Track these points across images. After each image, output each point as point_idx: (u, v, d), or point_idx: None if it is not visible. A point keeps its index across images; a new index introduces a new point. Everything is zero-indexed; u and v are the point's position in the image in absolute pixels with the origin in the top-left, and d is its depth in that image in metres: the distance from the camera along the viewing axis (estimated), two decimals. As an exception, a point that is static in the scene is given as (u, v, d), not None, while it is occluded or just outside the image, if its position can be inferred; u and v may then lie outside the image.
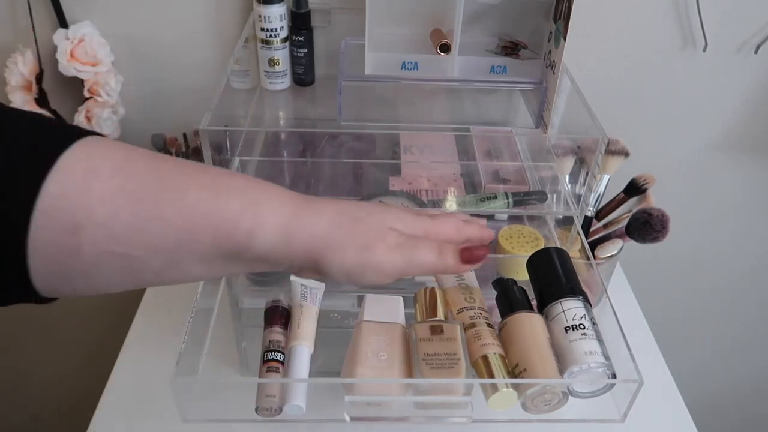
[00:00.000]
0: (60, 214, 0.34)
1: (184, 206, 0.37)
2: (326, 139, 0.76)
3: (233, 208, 0.38)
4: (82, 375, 1.21)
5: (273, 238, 0.40)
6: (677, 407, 0.72)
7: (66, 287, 0.37)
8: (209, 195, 0.38)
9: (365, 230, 0.43)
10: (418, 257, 0.44)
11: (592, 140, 0.63)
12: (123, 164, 0.36)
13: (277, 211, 0.40)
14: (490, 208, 0.70)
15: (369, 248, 0.42)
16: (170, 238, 0.37)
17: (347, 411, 0.49)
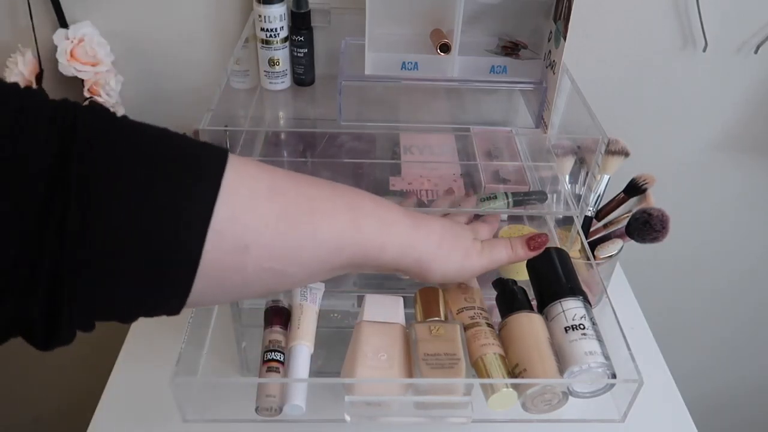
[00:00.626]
0: (230, 236, 0.36)
1: (334, 228, 0.42)
2: (326, 139, 0.76)
3: (371, 228, 0.45)
4: (82, 375, 1.21)
5: (396, 252, 0.46)
6: (677, 407, 0.72)
7: (212, 299, 0.40)
8: (354, 218, 0.44)
9: (464, 242, 0.52)
10: (497, 255, 0.53)
11: (592, 140, 0.63)
12: (274, 185, 0.40)
13: (401, 229, 0.47)
14: (490, 208, 0.69)
15: (467, 257, 0.51)
16: (321, 256, 0.42)
17: (347, 411, 0.49)
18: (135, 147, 0.34)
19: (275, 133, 0.81)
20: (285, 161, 0.77)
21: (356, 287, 0.72)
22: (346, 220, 0.43)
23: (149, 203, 0.33)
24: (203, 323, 0.60)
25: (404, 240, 0.47)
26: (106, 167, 0.32)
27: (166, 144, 0.36)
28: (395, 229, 0.46)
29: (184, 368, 0.50)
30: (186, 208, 0.34)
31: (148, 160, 0.34)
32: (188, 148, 0.37)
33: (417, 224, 0.48)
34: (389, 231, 0.46)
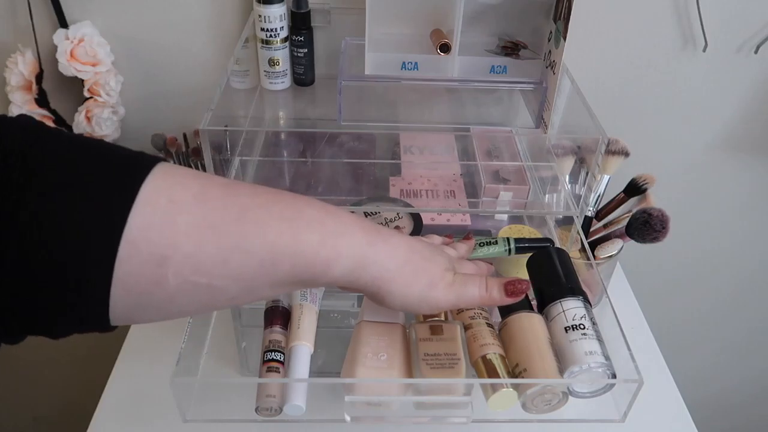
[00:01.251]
0: (145, 247, 0.34)
1: (266, 239, 0.38)
2: (326, 139, 0.76)
3: (313, 240, 0.40)
4: (82, 375, 1.21)
5: (346, 269, 0.42)
6: (677, 407, 0.72)
7: (140, 316, 0.38)
8: (289, 227, 0.39)
9: (432, 269, 0.46)
10: (469, 293, 0.48)
11: (592, 140, 0.63)
12: (201, 195, 0.37)
13: (353, 242, 0.42)
14: (489, 254, 0.68)
15: (432, 286, 0.46)
16: (252, 269, 0.38)
17: (347, 411, 0.49)
18: (57, 158, 0.34)
19: (275, 133, 0.81)
20: (285, 161, 0.77)
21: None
22: (280, 230, 0.39)
23: (64, 215, 0.32)
24: (203, 323, 0.60)
25: (357, 255, 0.42)
26: (26, 176, 0.32)
27: (90, 155, 0.35)
28: (345, 241, 0.41)
29: (184, 368, 0.50)
30: (99, 219, 0.33)
31: (67, 172, 0.34)
32: (115, 159, 0.36)
33: (376, 239, 0.43)
34: (336, 243, 0.41)
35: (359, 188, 0.73)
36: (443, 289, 0.46)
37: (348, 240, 0.41)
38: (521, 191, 0.71)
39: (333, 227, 0.41)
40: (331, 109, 0.72)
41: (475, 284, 0.48)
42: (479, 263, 0.57)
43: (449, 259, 0.49)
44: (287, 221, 0.39)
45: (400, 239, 0.45)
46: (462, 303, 0.48)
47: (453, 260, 0.50)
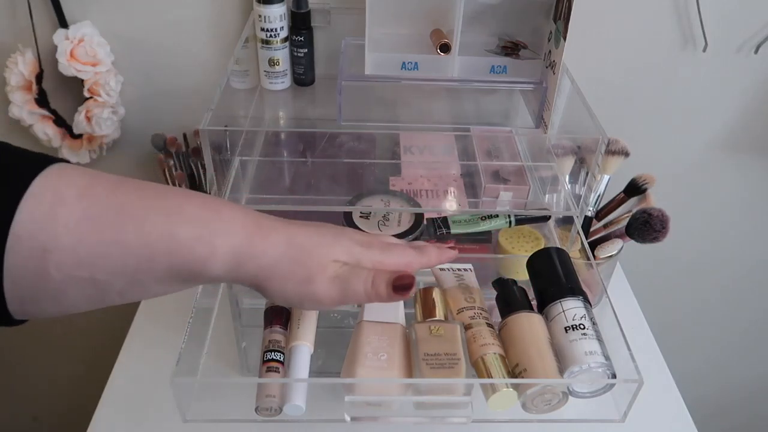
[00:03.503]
0: (29, 239, 0.36)
1: (142, 233, 0.39)
2: (326, 139, 0.76)
3: (188, 236, 0.40)
4: (82, 375, 1.21)
5: (225, 265, 0.42)
6: (677, 407, 0.72)
7: (36, 309, 0.39)
8: (166, 222, 0.40)
9: (309, 262, 0.44)
10: (353, 288, 0.45)
11: (592, 140, 0.63)
12: (86, 190, 0.38)
13: (230, 239, 0.42)
14: (491, 227, 0.70)
15: (309, 281, 0.44)
16: (131, 263, 0.39)
17: (347, 411, 0.49)
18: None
19: (275, 133, 0.81)
20: (285, 161, 0.77)
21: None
22: (157, 226, 0.39)
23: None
24: (203, 323, 0.60)
25: (234, 253, 0.42)
26: None
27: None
28: (221, 239, 0.41)
29: (184, 368, 0.50)
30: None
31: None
32: (13, 158, 0.38)
33: (254, 236, 0.42)
34: (213, 241, 0.41)
35: (359, 188, 0.73)
36: (323, 284, 0.44)
37: (224, 238, 0.41)
38: (521, 191, 0.71)
39: (212, 224, 0.41)
40: (331, 109, 0.72)
41: (360, 279, 0.45)
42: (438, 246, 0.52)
43: (346, 250, 0.46)
44: (165, 217, 0.40)
45: (282, 234, 0.44)
46: (349, 299, 0.45)
47: (354, 252, 0.46)
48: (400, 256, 0.48)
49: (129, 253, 0.39)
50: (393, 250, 0.48)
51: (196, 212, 0.41)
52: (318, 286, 0.44)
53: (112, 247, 0.38)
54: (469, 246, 0.76)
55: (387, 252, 0.48)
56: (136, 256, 0.39)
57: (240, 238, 0.42)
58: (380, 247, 0.48)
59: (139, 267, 0.39)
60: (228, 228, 0.42)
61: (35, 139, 0.87)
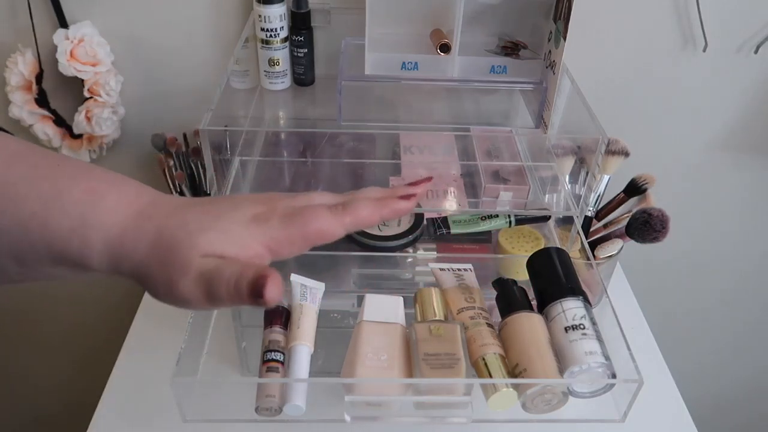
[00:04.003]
0: None
1: (19, 219, 0.36)
2: (326, 139, 0.76)
3: (64, 226, 0.37)
4: (82, 375, 1.21)
5: (103, 262, 0.38)
6: (677, 407, 0.72)
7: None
8: (43, 209, 0.36)
9: (173, 261, 0.37)
10: (215, 291, 0.37)
11: (592, 140, 0.63)
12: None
13: (104, 233, 0.37)
14: (491, 227, 0.70)
15: (172, 284, 0.37)
16: (13, 247, 0.37)
17: (347, 411, 0.49)
18: None
19: (275, 133, 0.81)
20: (285, 161, 0.77)
21: (356, 287, 0.72)
22: (34, 212, 0.36)
23: None
24: (203, 323, 0.60)
25: (109, 248, 0.37)
26: None
27: None
28: (97, 234, 0.37)
29: (184, 368, 0.50)
30: None
31: None
32: None
33: (129, 227, 0.37)
34: (88, 235, 0.37)
35: (359, 188, 0.72)
36: (186, 286, 0.37)
37: (99, 232, 0.37)
38: (521, 191, 0.71)
39: (90, 215, 0.37)
40: (331, 109, 0.72)
41: (222, 280, 0.36)
42: (347, 206, 0.42)
43: (224, 236, 0.38)
44: (43, 203, 0.37)
45: (154, 224, 0.38)
46: (215, 303, 0.38)
47: (238, 234, 0.38)
48: (304, 222, 0.39)
49: (9, 237, 0.36)
50: (299, 216, 0.40)
51: (79, 198, 0.37)
52: (181, 288, 0.37)
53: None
54: (469, 246, 0.76)
55: (289, 221, 0.39)
56: (17, 242, 0.37)
57: (115, 232, 0.37)
58: (281, 215, 0.39)
59: (22, 252, 0.37)
60: (105, 220, 0.37)
61: (35, 139, 0.87)
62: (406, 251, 0.73)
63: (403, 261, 0.73)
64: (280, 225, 0.39)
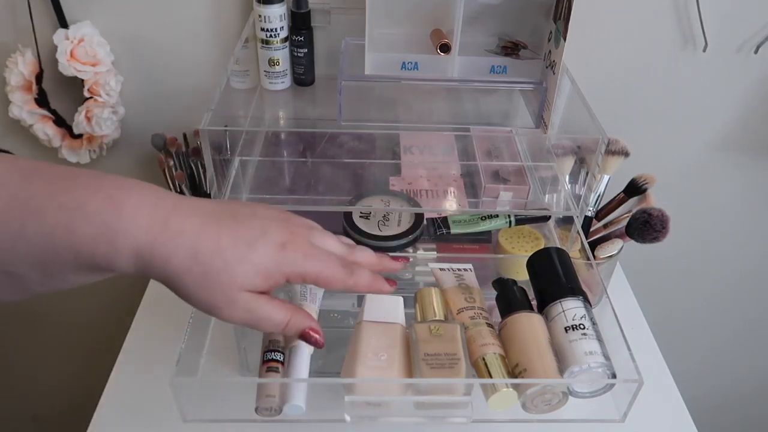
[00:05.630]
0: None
1: (43, 229, 0.38)
2: (326, 139, 0.76)
3: (88, 233, 0.39)
4: (82, 375, 1.21)
5: (131, 265, 0.40)
6: (677, 407, 0.72)
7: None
8: (67, 219, 0.39)
9: (213, 291, 0.41)
10: (264, 328, 0.45)
11: (592, 140, 0.63)
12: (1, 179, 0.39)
13: (132, 241, 0.40)
14: (491, 227, 0.70)
15: (214, 308, 0.42)
16: (38, 257, 0.39)
17: (347, 411, 0.49)
18: None
19: (275, 133, 0.81)
20: (285, 161, 0.77)
21: (356, 287, 0.71)
22: (57, 222, 0.38)
23: None
24: (203, 323, 0.60)
25: (138, 254, 0.40)
26: None
27: None
28: (124, 240, 0.39)
29: (184, 368, 0.50)
30: None
31: None
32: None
33: (158, 237, 0.40)
34: (114, 239, 0.39)
35: (359, 188, 0.73)
36: (232, 313, 0.43)
37: (125, 239, 0.39)
38: (521, 191, 0.71)
39: (113, 223, 0.39)
40: (331, 109, 0.72)
41: (271, 325, 0.45)
42: (353, 270, 0.47)
43: (258, 268, 0.42)
44: (66, 212, 0.39)
45: (187, 241, 0.41)
46: (261, 330, 0.46)
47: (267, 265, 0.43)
48: (323, 267, 0.45)
49: (33, 247, 0.38)
50: (317, 260, 0.45)
51: (99, 207, 0.39)
52: (224, 315, 0.43)
53: (18, 241, 0.38)
54: (469, 246, 0.76)
55: (309, 262, 0.45)
56: (42, 251, 0.39)
57: (142, 241, 0.40)
58: (305, 253, 0.45)
59: (47, 260, 0.39)
60: (129, 228, 0.40)
61: (35, 139, 0.87)
62: (406, 251, 0.73)
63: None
64: (302, 262, 0.44)
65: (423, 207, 0.71)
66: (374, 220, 0.72)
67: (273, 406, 0.49)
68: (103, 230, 0.39)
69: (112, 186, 0.41)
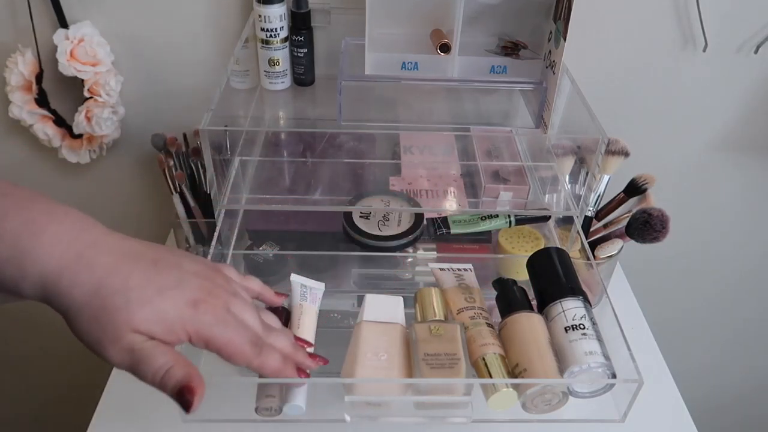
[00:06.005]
0: None
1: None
2: (326, 139, 0.76)
3: (1, 254, 0.38)
4: (83, 375, 1.21)
5: (35, 293, 0.39)
6: (677, 407, 0.72)
7: None
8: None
9: (106, 325, 0.39)
10: (142, 371, 0.41)
11: (592, 140, 0.63)
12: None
13: (41, 268, 0.38)
14: (491, 227, 0.70)
15: (100, 343, 0.40)
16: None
17: (347, 411, 0.49)
18: None
19: (275, 133, 0.81)
20: (285, 161, 0.77)
21: (356, 287, 0.72)
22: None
23: None
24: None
25: (44, 282, 0.38)
26: None
27: None
28: (32, 267, 0.38)
29: (184, 368, 0.50)
30: None
31: None
32: None
33: (67, 268, 0.39)
34: (24, 265, 0.38)
35: (359, 188, 0.73)
36: (114, 353, 0.40)
37: (35, 266, 0.38)
38: (521, 191, 0.71)
39: (27, 247, 0.38)
40: (331, 109, 0.72)
41: (151, 368, 0.40)
42: (263, 351, 0.44)
43: (159, 317, 0.40)
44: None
45: (94, 276, 0.39)
46: (138, 377, 0.42)
47: (170, 318, 0.40)
48: (230, 337, 0.42)
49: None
50: (227, 329, 0.42)
51: (17, 229, 0.38)
52: (108, 353, 0.40)
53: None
54: (469, 246, 0.77)
55: (218, 328, 0.42)
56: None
57: (50, 269, 0.38)
58: (215, 316, 0.42)
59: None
60: (40, 255, 0.38)
61: (35, 139, 0.87)
62: (406, 251, 0.73)
63: (403, 261, 0.73)
64: (210, 326, 0.42)
65: (423, 207, 0.71)
66: (374, 220, 0.72)
67: (273, 406, 0.49)
68: (15, 253, 0.38)
69: (42, 210, 0.40)
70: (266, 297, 0.53)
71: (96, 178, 0.97)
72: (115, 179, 0.97)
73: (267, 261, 0.74)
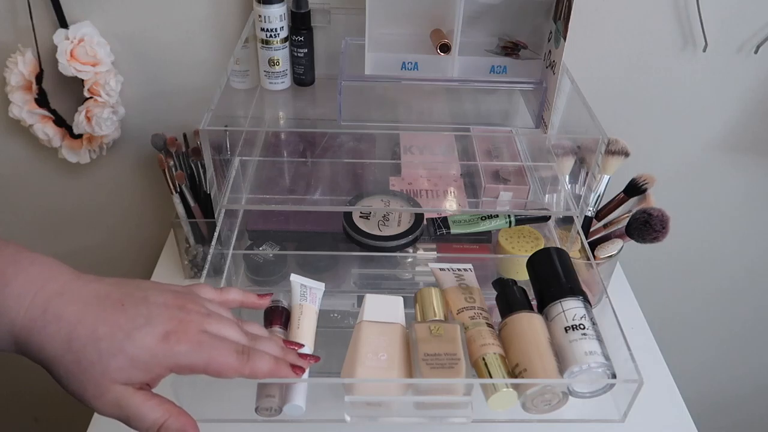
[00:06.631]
0: None
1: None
2: (326, 139, 0.76)
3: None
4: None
5: (9, 345, 0.39)
6: (677, 407, 0.72)
7: None
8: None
9: (85, 381, 0.39)
10: (139, 426, 0.41)
11: (592, 140, 0.63)
12: None
13: (9, 321, 0.38)
14: (491, 227, 0.70)
15: (85, 399, 0.40)
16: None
17: (347, 411, 0.49)
18: None
19: (275, 133, 0.81)
20: (285, 161, 0.77)
21: (356, 287, 0.72)
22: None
23: None
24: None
25: (14, 336, 0.38)
26: None
27: None
28: (1, 319, 0.38)
29: (184, 368, 0.50)
30: None
31: None
32: None
33: (36, 321, 0.38)
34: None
35: (359, 188, 0.73)
36: (101, 406, 0.40)
37: (3, 318, 0.38)
38: (521, 191, 0.71)
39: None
40: (331, 109, 0.72)
41: (142, 425, 0.40)
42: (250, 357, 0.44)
43: (134, 362, 0.39)
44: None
45: (63, 328, 0.39)
46: (132, 428, 0.41)
47: (144, 359, 0.40)
48: (212, 356, 0.42)
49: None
50: (207, 348, 0.42)
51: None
52: (96, 407, 0.40)
53: None
54: (469, 246, 0.77)
55: (196, 352, 0.42)
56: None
57: (19, 324, 0.38)
58: (191, 342, 0.42)
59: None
60: (9, 311, 0.38)
61: (35, 139, 0.87)
62: (406, 251, 0.73)
63: (403, 261, 0.74)
64: (188, 353, 0.41)
65: (423, 207, 0.71)
66: (374, 220, 0.72)
67: (273, 406, 0.49)
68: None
69: (8, 261, 0.39)
70: (249, 303, 0.52)
71: (96, 178, 0.97)
72: (115, 179, 0.97)
73: (267, 261, 0.74)
